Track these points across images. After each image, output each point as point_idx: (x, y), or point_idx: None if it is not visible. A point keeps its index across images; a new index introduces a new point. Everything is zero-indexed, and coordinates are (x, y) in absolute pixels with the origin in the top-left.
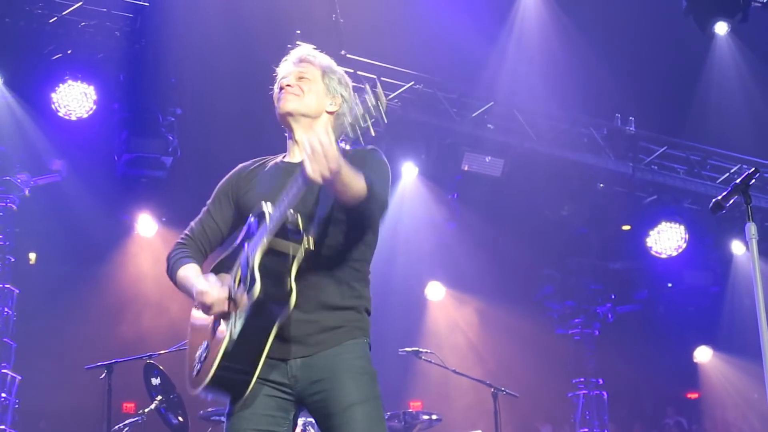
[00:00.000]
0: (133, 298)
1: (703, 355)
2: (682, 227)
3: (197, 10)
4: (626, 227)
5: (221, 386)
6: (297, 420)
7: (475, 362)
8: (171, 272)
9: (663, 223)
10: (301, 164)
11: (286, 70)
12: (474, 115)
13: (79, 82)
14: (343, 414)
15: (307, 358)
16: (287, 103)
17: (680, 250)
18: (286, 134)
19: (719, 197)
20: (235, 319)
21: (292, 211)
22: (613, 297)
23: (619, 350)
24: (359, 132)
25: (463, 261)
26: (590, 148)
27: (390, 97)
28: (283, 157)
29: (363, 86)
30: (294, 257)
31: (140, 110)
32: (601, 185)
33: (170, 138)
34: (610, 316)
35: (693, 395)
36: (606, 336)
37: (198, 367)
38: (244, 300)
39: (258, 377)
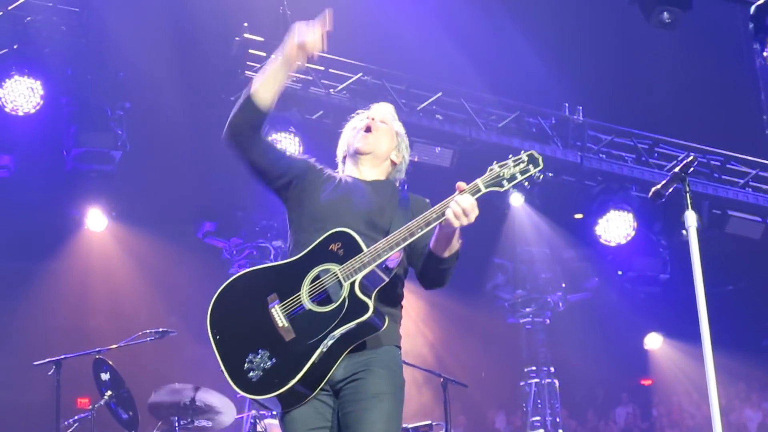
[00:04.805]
0: (82, 293)
1: (653, 342)
2: (631, 215)
3: (144, 3)
4: (578, 216)
5: (290, 396)
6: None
7: (425, 353)
8: (244, 94)
9: (612, 212)
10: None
11: (373, 112)
12: (422, 105)
13: (25, 77)
14: (371, 399)
15: (347, 357)
16: (368, 145)
17: (629, 238)
18: (348, 157)
19: (659, 186)
20: (327, 335)
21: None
22: (563, 285)
23: (571, 338)
24: (510, 187)
25: None
26: (539, 138)
27: (338, 88)
28: (343, 172)
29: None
30: (382, 284)
31: (88, 105)
32: (550, 174)
33: (119, 132)
34: (561, 304)
35: (646, 382)
36: (557, 324)
37: (258, 373)
38: (331, 319)
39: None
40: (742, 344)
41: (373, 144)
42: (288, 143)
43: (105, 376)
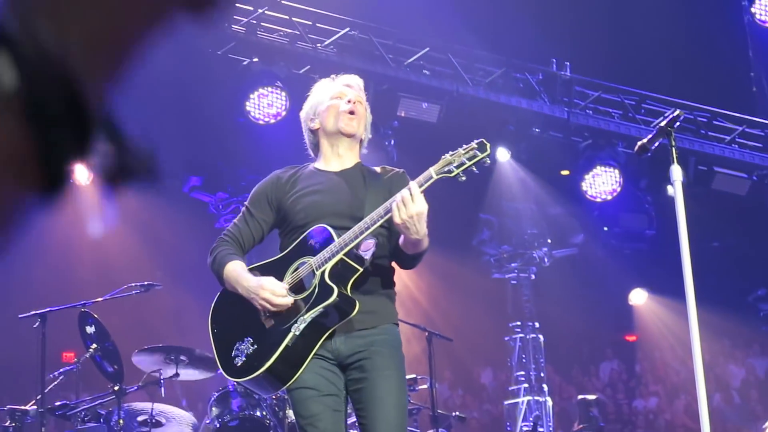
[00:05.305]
0: (66, 246)
1: (638, 297)
2: (617, 171)
3: None
4: (565, 172)
5: (271, 376)
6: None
7: (411, 307)
8: (217, 266)
9: (598, 167)
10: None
11: (350, 92)
12: (409, 60)
13: None
14: (379, 376)
15: (348, 335)
16: (353, 128)
17: (615, 194)
18: (325, 135)
19: (644, 140)
20: (299, 319)
21: (372, 240)
22: (549, 241)
23: (556, 294)
24: (459, 172)
25: None
26: (526, 93)
27: (325, 43)
28: (316, 164)
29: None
30: (356, 273)
31: None
32: (537, 130)
33: None
34: (546, 260)
35: (631, 338)
36: (542, 280)
37: (242, 358)
38: (302, 305)
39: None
40: (726, 301)
41: (357, 127)
42: (275, 98)
43: (90, 329)
